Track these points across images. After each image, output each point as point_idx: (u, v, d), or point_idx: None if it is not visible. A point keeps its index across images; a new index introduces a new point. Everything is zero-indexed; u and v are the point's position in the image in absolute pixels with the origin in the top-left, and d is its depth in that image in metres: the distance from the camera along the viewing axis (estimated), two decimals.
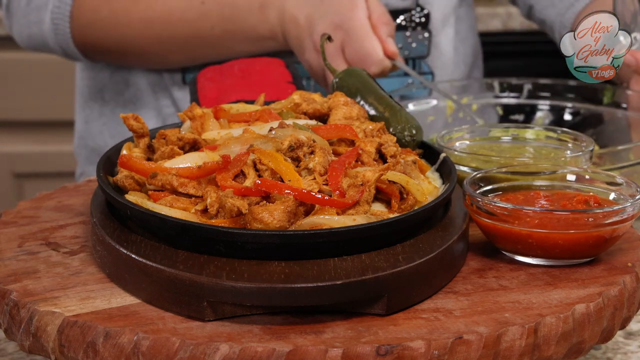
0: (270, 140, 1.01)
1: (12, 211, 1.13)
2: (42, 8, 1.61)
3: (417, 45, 1.67)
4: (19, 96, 2.93)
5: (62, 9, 1.59)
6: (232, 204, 0.93)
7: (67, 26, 1.59)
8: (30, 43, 1.66)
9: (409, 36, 1.66)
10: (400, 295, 0.89)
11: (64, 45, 1.62)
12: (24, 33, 1.65)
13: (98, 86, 1.75)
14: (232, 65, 1.40)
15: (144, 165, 1.02)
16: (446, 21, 1.73)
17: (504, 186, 1.08)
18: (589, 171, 1.10)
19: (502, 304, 0.90)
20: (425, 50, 1.69)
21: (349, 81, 1.22)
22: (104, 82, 1.73)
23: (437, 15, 1.71)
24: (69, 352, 0.86)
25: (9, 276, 0.95)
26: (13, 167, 2.96)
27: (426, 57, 1.70)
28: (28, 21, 1.63)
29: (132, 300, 0.91)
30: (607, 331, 0.92)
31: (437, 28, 1.71)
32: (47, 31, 1.61)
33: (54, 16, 1.59)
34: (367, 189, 0.97)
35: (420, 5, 1.67)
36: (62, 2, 1.59)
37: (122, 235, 0.96)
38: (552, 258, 0.99)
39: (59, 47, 1.63)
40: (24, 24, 1.64)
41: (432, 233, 0.97)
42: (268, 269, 0.88)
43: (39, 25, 1.62)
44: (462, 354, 0.83)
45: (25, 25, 1.64)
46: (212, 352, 0.82)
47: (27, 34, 1.65)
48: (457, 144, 1.23)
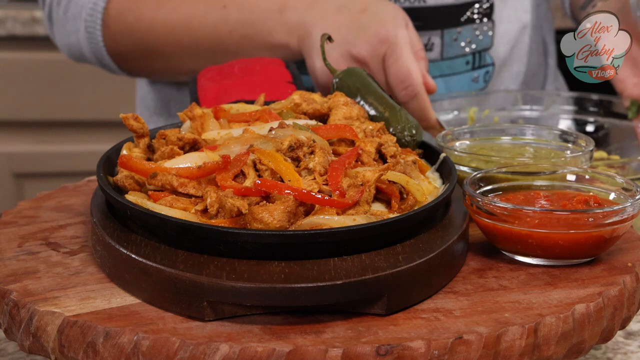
0: (270, 140, 1.01)
1: (12, 211, 1.13)
2: (77, 17, 1.60)
3: (483, 37, 1.65)
4: (19, 96, 2.93)
5: (95, 17, 1.58)
6: (232, 204, 0.93)
7: (100, 34, 1.58)
8: (71, 53, 1.66)
9: (476, 28, 1.65)
10: (400, 295, 0.89)
11: (98, 55, 1.61)
12: (64, 43, 1.65)
13: (165, 99, 1.74)
14: (232, 65, 1.40)
15: (144, 165, 1.02)
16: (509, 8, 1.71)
17: (504, 186, 1.08)
18: (589, 171, 1.10)
19: (502, 304, 0.90)
20: (489, 41, 1.67)
21: (349, 81, 1.22)
22: (171, 96, 1.73)
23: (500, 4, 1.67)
24: (69, 352, 0.86)
25: (9, 276, 0.95)
26: (13, 167, 2.96)
27: (490, 48, 1.69)
28: (67, 31, 1.62)
29: (132, 300, 0.91)
30: (607, 331, 0.92)
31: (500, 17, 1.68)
32: (82, 40, 1.60)
33: (87, 24, 1.58)
34: (367, 189, 0.97)
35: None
36: (94, 10, 1.58)
37: (122, 235, 0.96)
38: (552, 258, 0.99)
39: (94, 56, 1.62)
40: (64, 33, 1.63)
41: (432, 233, 0.97)
42: (268, 269, 0.88)
43: (76, 35, 1.61)
44: (462, 354, 0.83)
45: (64, 35, 1.63)
46: (212, 352, 0.82)
47: (67, 44, 1.64)
48: (457, 144, 1.23)
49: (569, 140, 1.23)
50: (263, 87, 1.30)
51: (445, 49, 1.63)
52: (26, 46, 2.89)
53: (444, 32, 1.61)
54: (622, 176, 1.06)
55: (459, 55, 1.64)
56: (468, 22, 1.63)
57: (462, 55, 1.65)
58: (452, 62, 1.65)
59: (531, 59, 1.77)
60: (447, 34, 1.61)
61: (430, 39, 1.61)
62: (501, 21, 1.68)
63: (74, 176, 2.41)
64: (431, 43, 1.62)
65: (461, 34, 1.63)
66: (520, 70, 1.74)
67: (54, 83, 2.93)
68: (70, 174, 2.83)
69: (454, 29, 1.62)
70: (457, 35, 1.63)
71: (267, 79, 1.35)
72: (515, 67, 1.74)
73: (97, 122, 2.95)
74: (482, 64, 1.67)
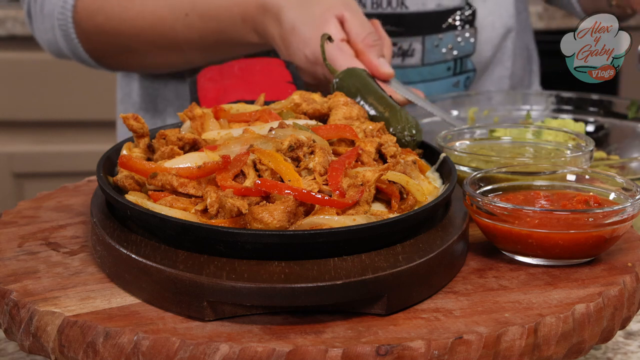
0: (270, 140, 1.01)
1: (12, 211, 1.13)
2: (51, 14, 1.61)
3: (465, 43, 1.66)
4: (19, 96, 2.93)
5: (65, 15, 1.58)
6: (232, 204, 0.93)
7: (73, 32, 1.59)
8: (51, 49, 1.66)
9: (457, 35, 1.65)
10: (400, 295, 0.89)
11: (75, 51, 1.62)
12: (43, 39, 1.66)
13: (152, 95, 1.74)
14: (232, 65, 1.40)
15: (144, 166, 1.02)
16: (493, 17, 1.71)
17: (504, 186, 1.08)
18: (589, 171, 1.10)
19: (502, 304, 0.90)
20: (471, 47, 1.68)
21: (349, 81, 1.22)
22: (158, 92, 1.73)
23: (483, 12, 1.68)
24: (69, 352, 0.86)
25: (9, 276, 0.95)
26: (13, 167, 2.96)
27: (472, 55, 1.69)
28: (44, 27, 1.63)
29: (132, 300, 0.91)
30: (607, 331, 0.92)
31: (482, 24, 1.68)
32: (58, 37, 1.61)
33: (60, 23, 1.59)
34: (367, 189, 0.97)
35: (469, 3, 1.65)
36: (64, 8, 1.58)
37: (122, 235, 0.96)
38: (552, 258, 0.99)
39: (72, 53, 1.62)
40: (42, 29, 1.64)
41: (432, 233, 0.97)
42: (268, 269, 0.88)
43: (52, 31, 1.61)
44: (462, 354, 0.83)
45: (42, 31, 1.64)
46: (212, 352, 0.82)
47: (46, 40, 1.65)
48: (457, 144, 1.23)
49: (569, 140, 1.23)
50: (263, 87, 1.29)
51: (426, 55, 1.63)
52: (26, 46, 2.89)
53: (425, 38, 1.62)
54: (622, 176, 1.06)
55: (440, 61, 1.65)
56: (450, 28, 1.64)
57: (444, 62, 1.65)
58: (433, 67, 1.65)
59: (516, 64, 1.77)
60: (428, 40, 1.62)
61: (411, 44, 1.62)
62: (483, 28, 1.68)
63: (74, 176, 2.41)
64: (412, 49, 1.62)
65: (442, 40, 1.64)
66: (503, 75, 1.75)
67: (54, 83, 2.93)
68: (70, 174, 2.83)
69: (436, 35, 1.63)
70: (438, 41, 1.63)
71: (267, 79, 1.35)
72: (496, 72, 1.74)
73: (97, 122, 2.95)
74: (464, 69, 1.68)
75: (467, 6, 1.64)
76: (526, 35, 1.82)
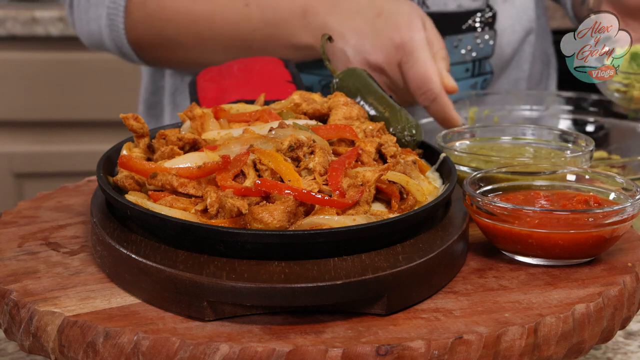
0: (270, 140, 1.01)
1: (12, 211, 1.13)
2: (100, 3, 1.60)
3: (484, 45, 1.65)
4: (19, 96, 2.93)
5: (117, 3, 1.57)
6: (232, 204, 0.93)
7: (122, 22, 1.58)
8: (90, 41, 1.65)
9: (477, 37, 1.65)
10: (400, 295, 0.89)
11: (118, 43, 1.61)
12: (84, 30, 1.64)
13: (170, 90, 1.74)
14: (232, 65, 1.40)
15: (144, 166, 1.02)
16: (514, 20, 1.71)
17: (504, 186, 1.08)
18: (589, 171, 1.10)
19: (502, 304, 0.90)
20: (490, 50, 1.67)
21: (349, 81, 1.22)
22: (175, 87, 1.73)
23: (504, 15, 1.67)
24: (69, 352, 0.86)
25: (9, 276, 0.95)
26: (13, 167, 2.96)
27: (490, 57, 1.69)
28: (88, 17, 1.62)
29: (132, 300, 0.91)
30: (607, 331, 0.92)
31: (502, 27, 1.68)
32: (103, 28, 1.60)
33: (109, 11, 1.58)
34: (367, 189, 0.97)
35: (490, 5, 1.65)
36: None
37: (122, 235, 0.96)
38: (552, 258, 0.99)
39: (114, 44, 1.61)
40: (85, 20, 1.63)
41: (432, 233, 0.97)
42: (268, 269, 0.88)
43: (97, 22, 1.60)
44: (462, 354, 0.83)
45: (85, 21, 1.63)
46: (212, 352, 0.82)
47: (87, 31, 1.64)
48: (457, 144, 1.23)
49: (569, 140, 1.23)
50: (263, 87, 1.29)
51: None
52: (26, 46, 2.89)
53: (445, 38, 1.61)
54: (622, 176, 1.06)
55: (458, 62, 1.64)
56: (469, 30, 1.63)
57: (462, 62, 1.65)
58: (452, 68, 1.65)
59: (533, 68, 1.76)
60: (447, 40, 1.61)
61: None
62: (503, 31, 1.68)
63: (74, 176, 2.41)
64: None
65: (462, 41, 1.63)
66: (520, 77, 1.74)
67: (54, 83, 2.93)
68: (70, 174, 2.83)
69: (455, 36, 1.63)
70: (457, 42, 1.63)
71: (267, 79, 1.35)
72: (513, 75, 1.74)
73: (97, 122, 2.95)
74: (482, 71, 1.68)
75: (487, 8, 1.64)
76: (545, 39, 1.82)
